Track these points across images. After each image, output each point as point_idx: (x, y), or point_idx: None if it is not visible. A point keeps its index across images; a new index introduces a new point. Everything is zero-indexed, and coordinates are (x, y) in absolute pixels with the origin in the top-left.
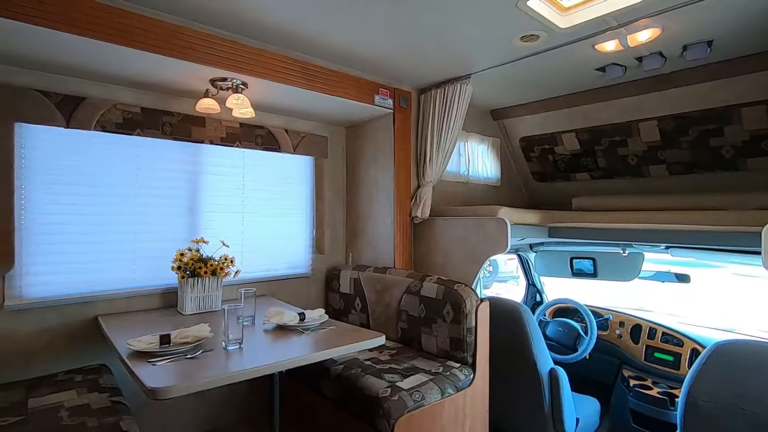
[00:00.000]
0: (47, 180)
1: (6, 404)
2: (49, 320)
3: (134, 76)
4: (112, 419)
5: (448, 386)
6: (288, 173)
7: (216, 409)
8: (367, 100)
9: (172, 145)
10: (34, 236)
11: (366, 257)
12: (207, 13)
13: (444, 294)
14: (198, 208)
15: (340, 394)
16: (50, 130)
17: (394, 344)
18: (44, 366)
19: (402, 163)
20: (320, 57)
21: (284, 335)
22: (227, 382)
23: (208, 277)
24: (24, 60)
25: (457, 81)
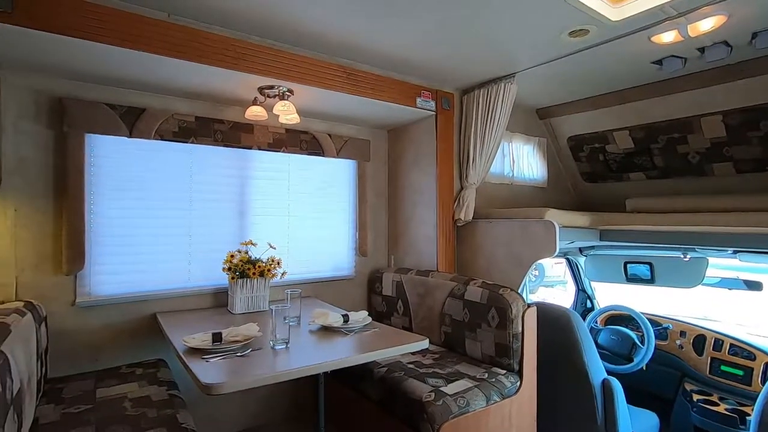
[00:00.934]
0: (112, 186)
1: (79, 393)
2: (113, 317)
3: (189, 87)
4: (169, 411)
5: (493, 393)
6: (331, 177)
7: (262, 406)
8: (410, 102)
9: (222, 152)
10: (100, 238)
11: (408, 260)
12: (256, 25)
13: (489, 298)
14: (247, 212)
15: (383, 396)
16: (115, 139)
17: (437, 348)
18: (109, 359)
19: (444, 165)
20: (364, 62)
21: (329, 336)
22: (276, 380)
23: (256, 278)
24: (93, 76)
25: (501, 80)
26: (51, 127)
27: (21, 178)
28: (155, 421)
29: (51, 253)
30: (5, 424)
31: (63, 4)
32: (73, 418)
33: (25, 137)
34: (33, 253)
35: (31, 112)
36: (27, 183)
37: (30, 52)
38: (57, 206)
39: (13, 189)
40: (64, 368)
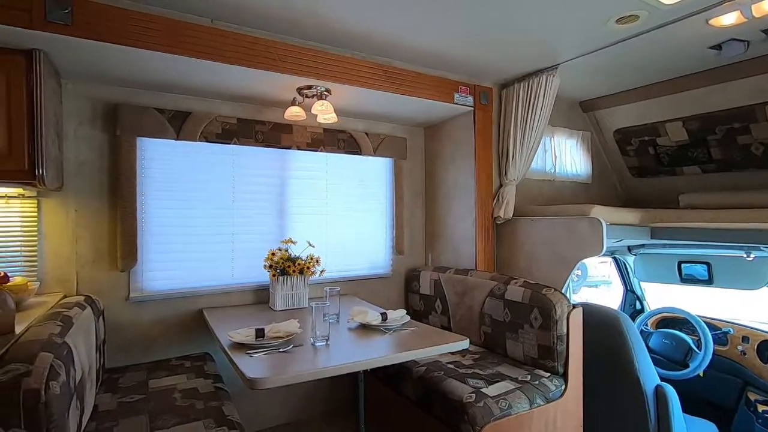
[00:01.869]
0: (161, 187)
1: (133, 383)
2: (163, 312)
3: (232, 90)
4: (216, 403)
5: (537, 396)
6: (368, 175)
7: (302, 401)
8: (447, 98)
9: (263, 152)
10: (151, 237)
11: (446, 258)
12: (295, 27)
13: (531, 298)
14: (286, 210)
15: (422, 396)
16: (163, 142)
17: (477, 348)
18: (160, 351)
19: (483, 161)
20: (401, 59)
21: (367, 334)
22: (318, 377)
23: (296, 275)
24: (143, 82)
25: (543, 73)
26: (106, 132)
27: (80, 181)
28: (203, 413)
29: (107, 250)
30: (70, 409)
31: (116, 15)
32: (128, 407)
33: (83, 142)
34: (91, 251)
35: (89, 119)
36: (86, 185)
37: (87, 62)
38: (112, 206)
39: (74, 191)
40: (119, 359)
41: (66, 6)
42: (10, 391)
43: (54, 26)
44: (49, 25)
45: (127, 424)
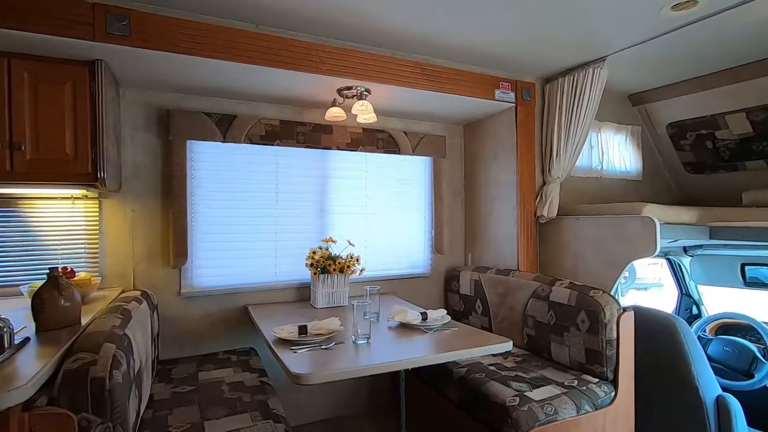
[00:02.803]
0: (209, 188)
1: (185, 374)
2: (211, 307)
3: (275, 92)
4: (261, 397)
5: (584, 402)
6: (407, 174)
7: (343, 397)
8: (488, 95)
9: (304, 153)
10: (200, 236)
11: (486, 258)
12: (336, 28)
13: (578, 300)
14: (327, 210)
15: (463, 397)
16: (211, 145)
17: (520, 351)
18: (209, 345)
19: (525, 159)
20: (440, 57)
21: (408, 333)
22: (360, 374)
23: (337, 274)
24: (193, 88)
25: (589, 66)
26: (159, 136)
27: (137, 183)
28: (249, 405)
29: (160, 248)
30: (130, 397)
31: (168, 25)
32: (180, 397)
33: (139, 146)
34: (146, 249)
35: (144, 124)
36: (141, 187)
37: (143, 70)
38: (165, 207)
39: (131, 192)
40: (172, 351)
41: (124, 18)
42: (80, 378)
43: (114, 38)
44: (109, 36)
45: (180, 412)
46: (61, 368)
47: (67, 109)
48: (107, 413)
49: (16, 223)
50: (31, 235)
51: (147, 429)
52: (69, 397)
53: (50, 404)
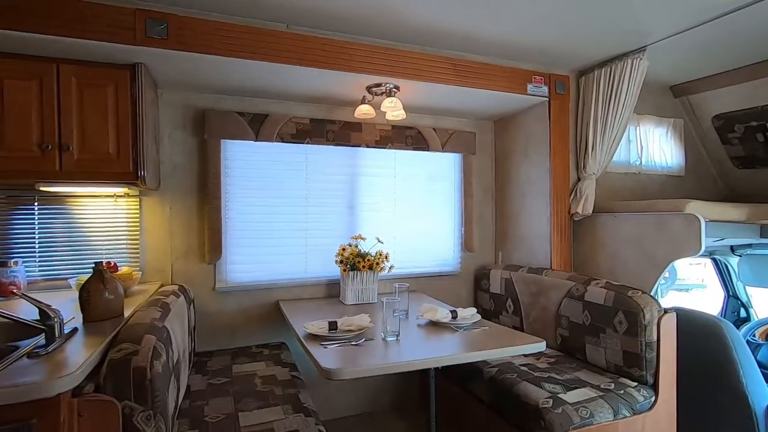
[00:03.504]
0: (241, 186)
1: (219, 367)
2: (244, 302)
3: (305, 91)
4: (293, 390)
5: (622, 407)
6: (436, 171)
7: (372, 393)
8: (520, 89)
9: (334, 151)
10: (233, 232)
11: (517, 256)
12: (365, 26)
13: (615, 301)
14: (356, 207)
15: (493, 397)
16: (244, 144)
17: (553, 352)
18: (242, 339)
19: (559, 155)
20: (471, 51)
21: (437, 331)
22: (390, 371)
23: (366, 271)
24: (227, 88)
25: (628, 56)
26: (195, 136)
27: (174, 181)
28: (281, 399)
29: (196, 244)
30: (170, 387)
31: (203, 27)
32: (216, 389)
33: (176, 146)
34: (183, 245)
35: (181, 124)
36: (178, 185)
37: (179, 72)
38: (200, 204)
39: (169, 190)
40: (207, 344)
41: (162, 23)
42: (123, 367)
43: (153, 41)
44: (149, 40)
45: (215, 403)
46: (106, 357)
47: (110, 111)
48: (148, 401)
49: (65, 219)
50: (77, 231)
51: (185, 418)
52: (114, 385)
53: (97, 391)
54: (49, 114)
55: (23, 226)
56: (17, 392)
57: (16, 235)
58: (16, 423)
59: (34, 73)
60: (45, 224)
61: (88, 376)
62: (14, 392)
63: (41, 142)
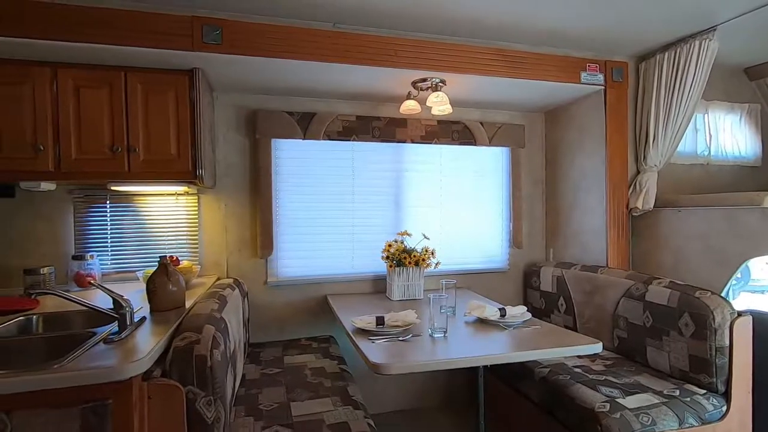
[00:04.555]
0: (291, 183)
1: (271, 357)
2: (293, 296)
3: (351, 89)
4: (341, 383)
5: (688, 415)
6: (483, 166)
7: (418, 390)
8: (573, 79)
9: (379, 147)
10: (283, 228)
11: (570, 253)
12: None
13: (680, 301)
14: (401, 203)
15: (545, 399)
16: (292, 142)
17: (609, 354)
18: (292, 331)
19: (616, 146)
20: (520, 41)
21: (485, 329)
22: (439, 368)
23: (412, 267)
24: (276, 89)
25: (695, 38)
26: (247, 136)
27: (229, 179)
28: (331, 390)
29: (249, 240)
30: (227, 375)
31: (253, 30)
32: (269, 378)
33: (230, 146)
34: (237, 240)
35: (234, 125)
36: (233, 183)
37: (233, 75)
38: (253, 202)
39: (224, 188)
40: (259, 336)
41: (217, 28)
42: (187, 354)
43: (208, 46)
44: (205, 46)
45: (269, 392)
46: (171, 345)
47: (171, 114)
48: (209, 387)
49: (132, 216)
50: (143, 227)
51: (241, 405)
52: (178, 371)
53: (163, 376)
54: (118, 119)
55: (97, 222)
56: (96, 374)
57: (91, 231)
58: (95, 402)
59: (105, 81)
60: (116, 221)
61: (156, 362)
62: (94, 374)
63: (112, 144)
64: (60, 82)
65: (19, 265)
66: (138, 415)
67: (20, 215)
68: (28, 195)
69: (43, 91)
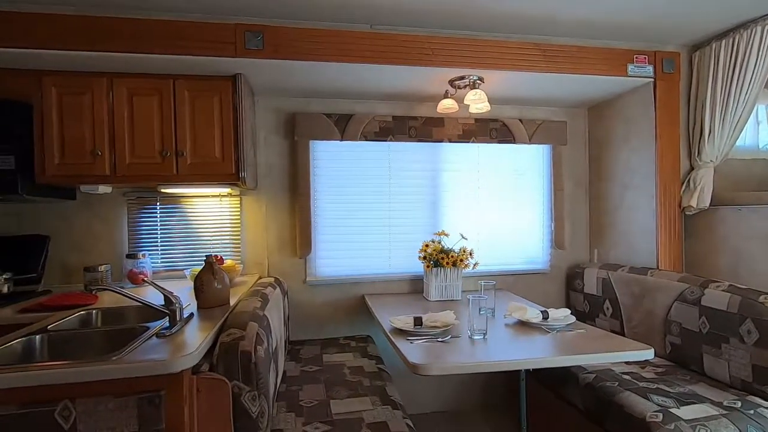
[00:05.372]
0: (328, 184)
1: (311, 355)
2: (332, 295)
3: (388, 89)
4: (380, 383)
5: (751, 428)
6: (522, 164)
7: (456, 391)
8: (619, 72)
9: (416, 147)
10: (321, 228)
11: (616, 255)
12: (449, 18)
13: (742, 306)
14: (438, 203)
15: (591, 405)
16: (330, 143)
17: (661, 361)
18: (330, 330)
19: (667, 141)
20: (561, 35)
21: (527, 332)
22: (480, 370)
23: (450, 267)
24: (315, 91)
25: (756, 23)
26: (287, 138)
27: (269, 181)
28: (369, 390)
29: (288, 240)
30: (270, 371)
31: (293, 35)
32: (309, 376)
33: (271, 148)
34: (277, 240)
35: (274, 128)
36: (273, 184)
37: (273, 79)
38: (292, 202)
39: (265, 190)
40: (299, 333)
41: (259, 34)
42: (232, 350)
43: (251, 52)
44: (247, 51)
45: (309, 389)
46: (217, 341)
47: (215, 119)
48: (253, 383)
49: (180, 217)
50: (190, 227)
51: (282, 400)
52: (225, 366)
53: (210, 370)
54: (167, 124)
55: (148, 223)
56: (151, 366)
57: (143, 231)
58: (150, 393)
59: (156, 89)
60: (165, 221)
61: (203, 357)
62: (149, 366)
63: (162, 149)
64: (115, 91)
65: (79, 262)
66: (188, 406)
67: (80, 216)
68: (87, 197)
69: (100, 100)
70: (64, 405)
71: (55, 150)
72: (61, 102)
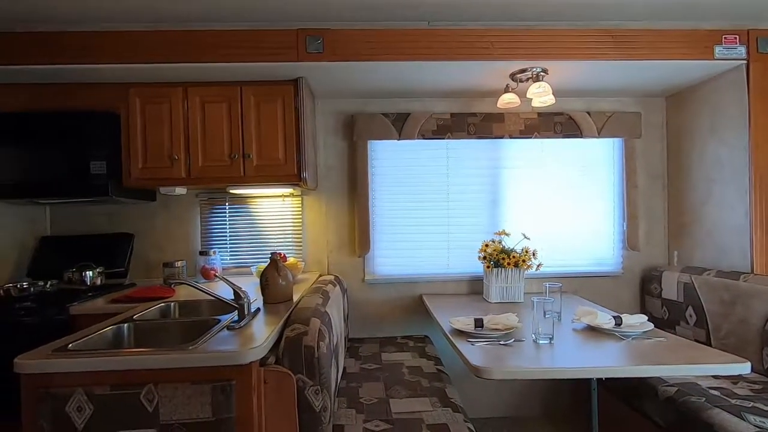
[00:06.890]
0: (386, 183)
1: (370, 353)
2: (389, 294)
3: (446, 86)
4: (439, 384)
5: None
6: (591, 160)
7: (518, 397)
8: (704, 55)
9: (475, 144)
10: (380, 227)
11: (701, 257)
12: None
13: None
14: (499, 201)
15: (672, 421)
16: (388, 143)
17: (757, 377)
18: (388, 329)
19: (762, 130)
20: (634, 18)
21: (597, 338)
22: (550, 376)
23: (511, 268)
24: (372, 91)
25: None
26: (345, 139)
27: (329, 181)
28: (428, 391)
29: (347, 239)
30: (332, 366)
31: (351, 37)
32: (368, 373)
33: (330, 149)
34: (337, 239)
35: (333, 129)
36: (332, 185)
37: (333, 81)
38: (350, 202)
39: (325, 190)
40: (357, 331)
41: (319, 38)
42: (296, 345)
43: (311, 56)
44: (308, 55)
45: (368, 387)
46: (282, 335)
47: (278, 122)
48: (316, 377)
49: (247, 216)
50: (256, 226)
51: (343, 396)
52: (289, 359)
53: (276, 363)
54: (235, 128)
55: (218, 222)
56: (223, 357)
57: (213, 230)
58: (222, 381)
59: (225, 96)
60: (233, 220)
61: (270, 350)
62: (222, 356)
63: (230, 152)
64: (189, 100)
65: (158, 258)
66: (256, 397)
67: (159, 216)
68: (165, 199)
69: (177, 108)
70: (148, 389)
71: (139, 155)
72: (144, 111)
